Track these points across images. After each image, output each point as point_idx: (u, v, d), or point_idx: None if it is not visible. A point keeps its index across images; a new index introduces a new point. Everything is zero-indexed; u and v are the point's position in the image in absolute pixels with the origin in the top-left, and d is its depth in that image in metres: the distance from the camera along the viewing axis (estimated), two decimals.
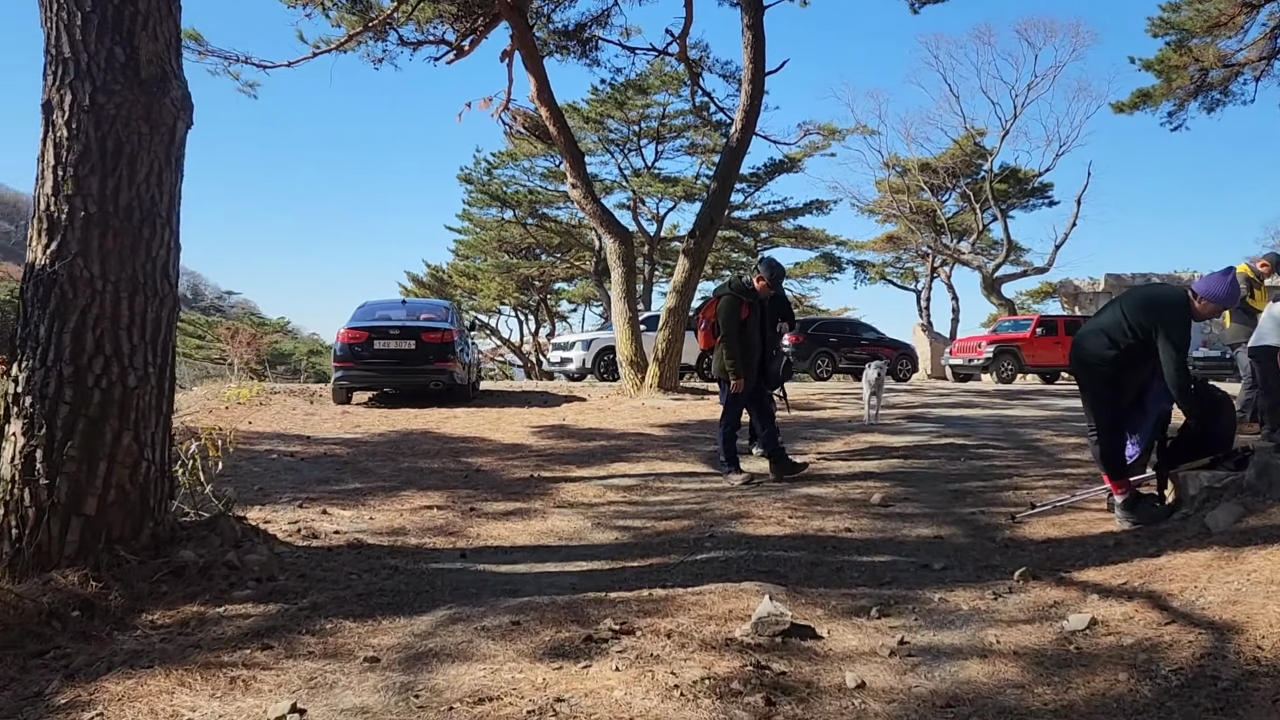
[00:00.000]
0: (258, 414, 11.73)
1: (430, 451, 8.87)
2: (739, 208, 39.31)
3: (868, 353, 26.21)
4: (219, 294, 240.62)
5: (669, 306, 15.68)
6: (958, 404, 13.41)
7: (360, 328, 13.33)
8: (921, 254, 45.02)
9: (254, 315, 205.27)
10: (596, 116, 36.59)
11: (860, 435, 9.93)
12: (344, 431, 10.34)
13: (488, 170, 38.89)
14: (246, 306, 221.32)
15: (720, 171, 16.33)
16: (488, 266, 41.98)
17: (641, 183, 37.44)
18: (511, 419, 11.69)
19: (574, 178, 16.78)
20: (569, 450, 9.04)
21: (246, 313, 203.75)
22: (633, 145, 38.45)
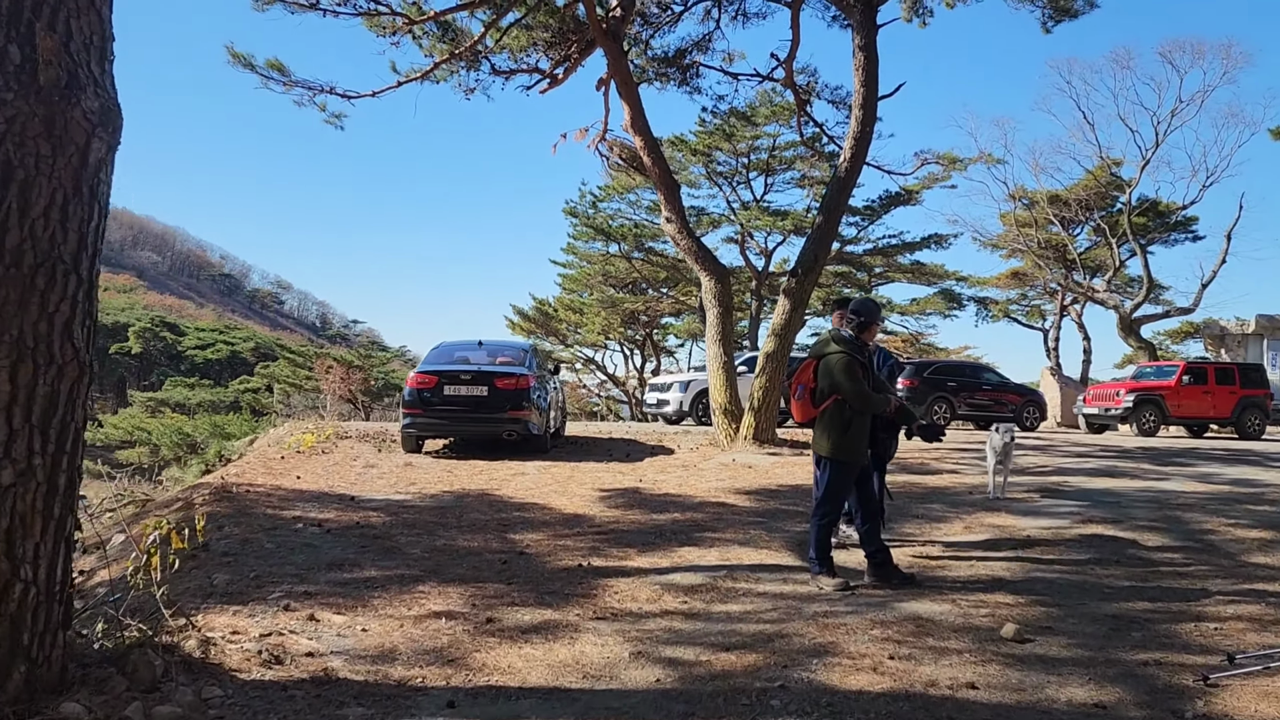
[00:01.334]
0: (314, 465, 10.89)
1: (477, 524, 7.74)
2: (851, 241, 37.59)
3: (990, 399, 24.21)
4: (345, 323, 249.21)
5: (767, 351, 14.33)
6: (1099, 470, 11.60)
7: (430, 372, 12.42)
8: (1050, 291, 42.26)
9: (376, 343, 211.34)
10: (704, 149, 35.55)
11: (984, 515, 8.36)
12: (395, 491, 9.33)
13: (593, 203, 38.30)
14: (371, 335, 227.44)
15: (827, 204, 14.95)
16: (592, 301, 41.24)
17: (750, 216, 36.14)
18: (584, 478, 10.51)
19: (669, 211, 15.65)
20: (635, 525, 7.78)
21: (370, 340, 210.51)
22: (741, 178, 37.25)
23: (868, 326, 6.08)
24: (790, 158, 36.12)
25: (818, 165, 34.28)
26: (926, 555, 6.83)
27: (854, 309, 6.16)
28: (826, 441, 5.91)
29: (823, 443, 5.94)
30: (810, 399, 6.02)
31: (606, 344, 46.25)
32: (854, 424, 5.85)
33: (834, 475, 5.92)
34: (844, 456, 5.87)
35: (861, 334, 6.05)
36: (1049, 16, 17.27)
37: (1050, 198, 36.14)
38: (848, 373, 5.83)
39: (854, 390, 5.80)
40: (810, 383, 6.04)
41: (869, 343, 6.15)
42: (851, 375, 5.82)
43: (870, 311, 6.17)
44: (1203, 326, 35.87)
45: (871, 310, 6.19)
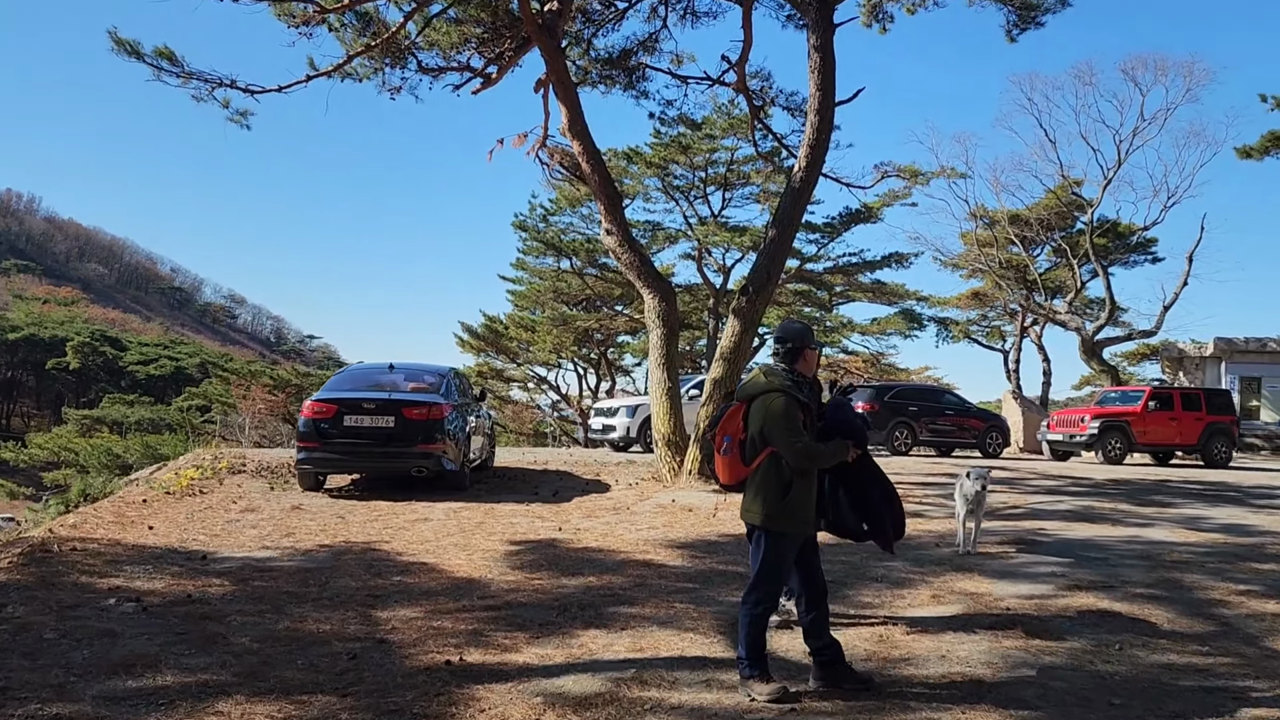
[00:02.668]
0: (178, 510, 9.41)
1: (343, 594, 6.31)
2: (811, 259, 36.55)
3: (953, 424, 23.14)
4: (301, 338, 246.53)
5: (714, 377, 13.05)
6: (1075, 513, 10.42)
7: (328, 400, 10.96)
8: (1010, 312, 41.60)
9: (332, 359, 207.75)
10: (659, 161, 34.37)
11: (954, 577, 7.10)
12: (263, 545, 7.87)
13: (543, 217, 36.97)
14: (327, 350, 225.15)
15: (780, 216, 13.73)
16: (544, 318, 39.78)
17: (707, 231, 34.98)
18: (496, 525, 9.13)
19: (609, 222, 14.35)
20: (536, 595, 6.40)
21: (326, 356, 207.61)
22: (698, 192, 36.11)
23: (799, 354, 4.71)
24: (748, 172, 35.08)
25: (774, 178, 33.24)
26: (887, 638, 5.53)
27: (780, 335, 4.80)
28: (759, 507, 4.58)
29: (754, 509, 4.61)
30: (740, 454, 4.71)
31: (560, 363, 44.77)
32: (795, 484, 4.52)
33: (771, 551, 4.59)
34: (783, 527, 4.54)
35: (794, 365, 4.74)
36: (1013, 24, 16.30)
37: (1011, 217, 35.42)
38: (784, 421, 4.47)
39: (791, 445, 4.45)
40: (739, 433, 4.73)
41: (806, 375, 4.79)
42: (789, 424, 4.47)
43: (799, 336, 4.76)
44: (1161, 349, 35.23)
45: (800, 335, 4.78)
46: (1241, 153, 21.34)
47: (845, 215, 35.34)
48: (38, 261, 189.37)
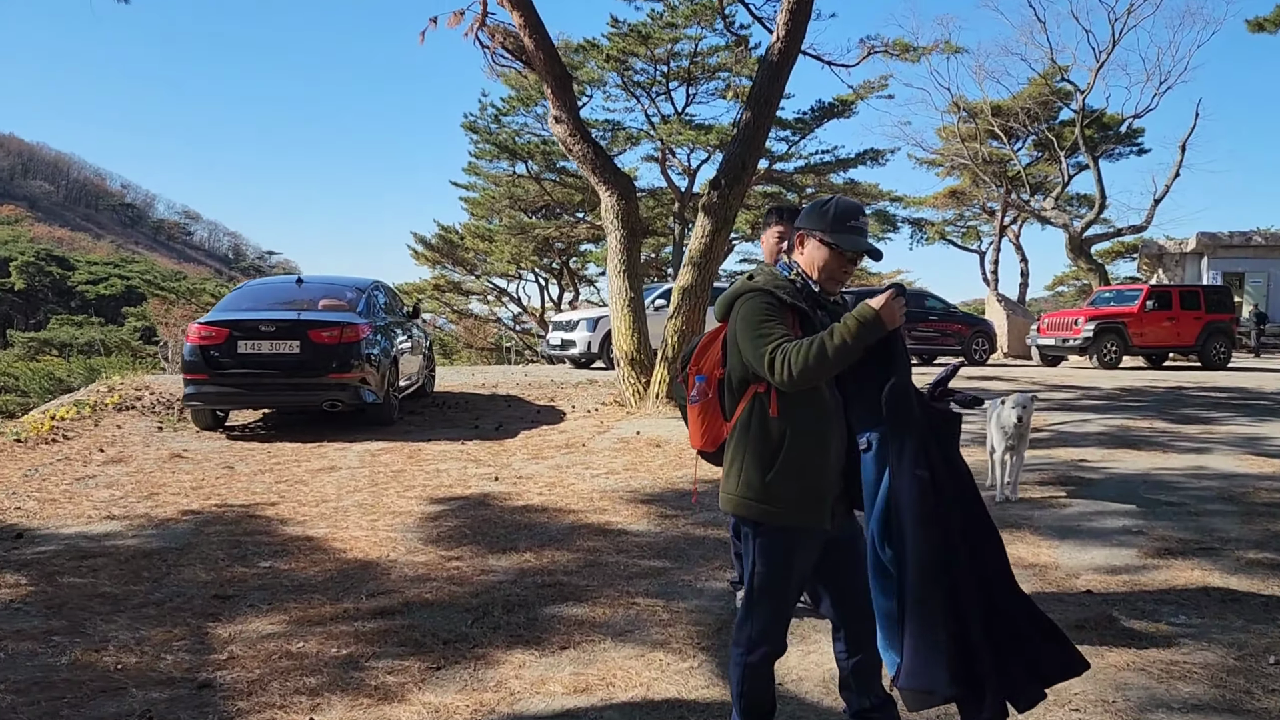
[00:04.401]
0: (21, 463, 7.60)
1: (177, 598, 4.57)
2: (782, 158, 34.51)
3: (936, 330, 21.65)
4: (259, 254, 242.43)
5: (683, 285, 11.25)
6: (1112, 437, 8.88)
7: (218, 322, 9.07)
8: (988, 210, 39.97)
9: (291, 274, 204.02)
10: (618, 54, 31.87)
11: (1010, 545, 5.48)
12: (105, 516, 6.08)
13: (495, 117, 34.40)
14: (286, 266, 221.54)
15: (756, 95, 11.76)
16: (501, 227, 37.49)
17: (671, 130, 32.71)
18: (418, 473, 7.41)
19: (557, 108, 12.33)
20: (451, 587, 4.70)
21: (285, 272, 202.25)
22: (660, 88, 33.67)
23: (799, 242, 2.83)
24: (714, 65, 32.69)
25: (744, 70, 30.94)
26: None
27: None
28: (736, 485, 2.79)
29: (731, 488, 2.80)
30: (721, 403, 2.97)
31: (520, 274, 42.56)
32: (791, 440, 2.71)
33: (763, 558, 2.78)
34: (777, 516, 2.72)
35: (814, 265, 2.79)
36: None
37: (994, 108, 33.44)
38: (749, 326, 2.69)
39: (759, 353, 2.64)
40: (717, 368, 2.97)
41: (815, 276, 2.81)
42: (757, 327, 2.68)
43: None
44: (1140, 246, 33.86)
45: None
46: (1253, 25, 19.52)
47: (818, 109, 33.24)
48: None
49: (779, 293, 2.72)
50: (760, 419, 2.73)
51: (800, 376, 2.57)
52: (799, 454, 2.69)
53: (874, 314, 2.53)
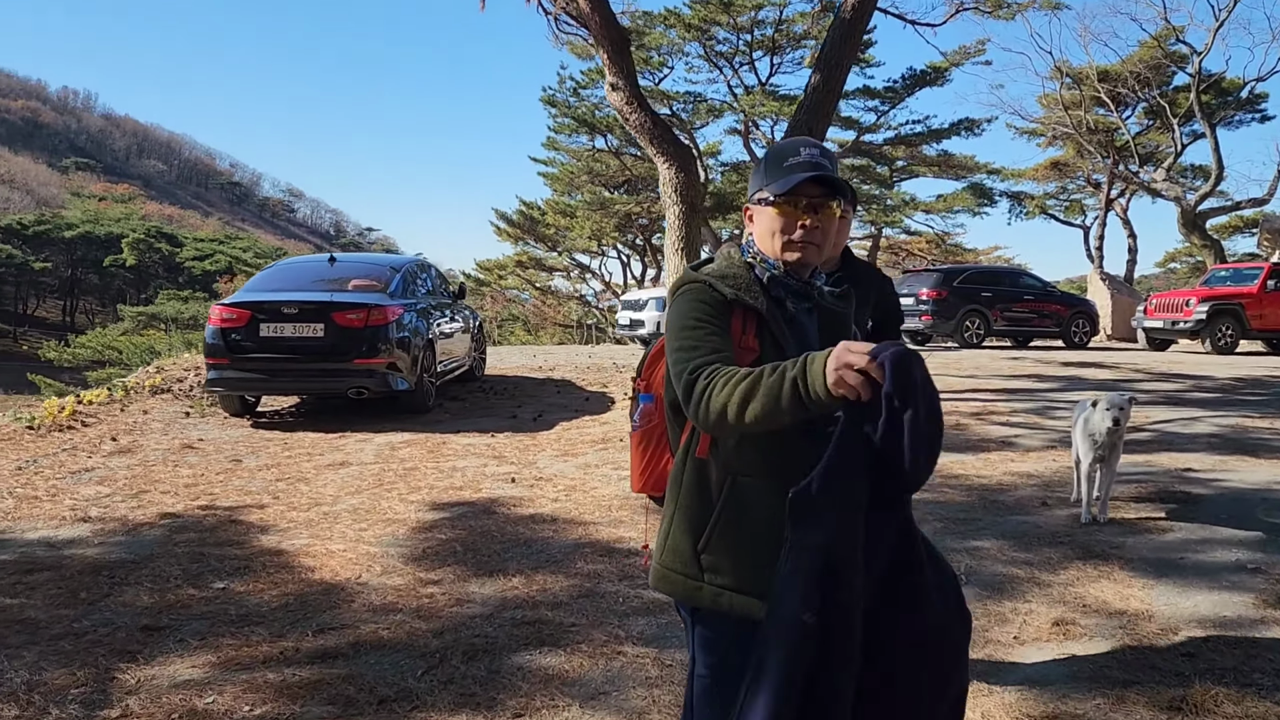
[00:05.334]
0: (20, 453, 7.24)
1: (100, 628, 4.00)
2: (870, 129, 33.08)
3: (1032, 310, 20.20)
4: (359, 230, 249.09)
5: None
6: (1226, 440, 7.74)
7: (240, 304, 8.61)
8: (1093, 183, 37.63)
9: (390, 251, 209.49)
10: (699, 22, 30.83)
11: (1081, 572, 4.55)
12: (78, 518, 5.59)
13: (574, 90, 33.72)
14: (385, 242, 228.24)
15: (825, 57, 10.80)
16: (581, 203, 36.91)
17: (754, 101, 31.57)
18: (432, 471, 6.79)
19: (613, 75, 11.60)
20: (414, 622, 4.03)
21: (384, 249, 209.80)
22: (744, 58, 32.52)
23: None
24: (799, 33, 31.38)
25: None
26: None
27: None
28: (663, 549, 2.01)
29: (656, 554, 2.04)
30: (670, 430, 2.15)
31: (602, 250, 41.98)
32: (731, 490, 1.92)
33: (706, 650, 1.99)
34: (714, 597, 1.92)
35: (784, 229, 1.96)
36: None
37: (1100, 74, 31.28)
38: (676, 331, 1.91)
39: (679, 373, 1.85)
40: (659, 390, 2.17)
41: (782, 254, 1.98)
42: (683, 335, 1.89)
43: (755, 176, 2.07)
44: (1262, 220, 31.35)
45: (756, 172, 2.07)
46: None
47: (909, 78, 31.70)
48: (96, 159, 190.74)
49: (722, 285, 1.92)
50: (694, 461, 1.96)
51: (716, 421, 1.76)
52: (742, 512, 1.90)
53: (821, 382, 1.62)
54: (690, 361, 1.82)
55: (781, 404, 1.66)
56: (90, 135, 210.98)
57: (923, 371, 1.67)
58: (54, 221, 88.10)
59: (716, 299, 1.90)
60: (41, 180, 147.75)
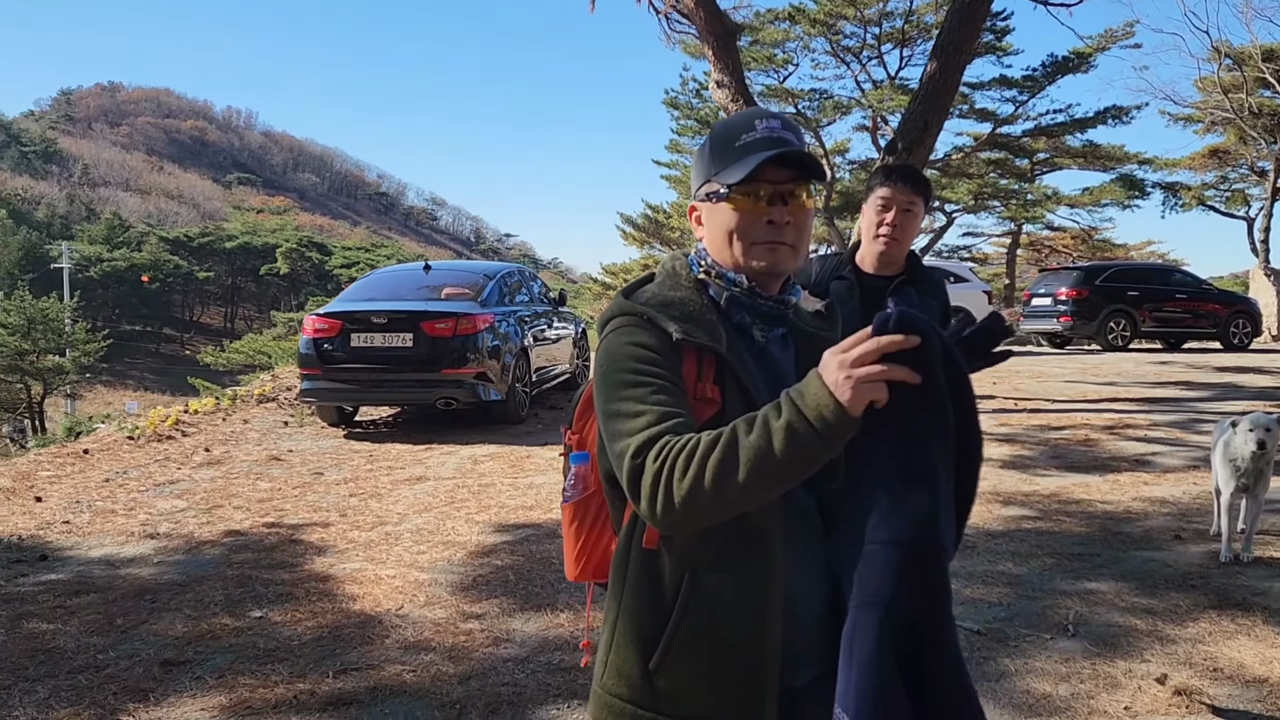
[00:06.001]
0: (110, 465, 7.34)
1: (119, 661, 3.85)
2: (1007, 121, 31.42)
3: (1185, 310, 18.64)
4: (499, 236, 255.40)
5: None
6: None
7: (332, 314, 8.60)
8: (1258, 171, 34.76)
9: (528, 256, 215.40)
10: (826, 17, 29.95)
11: (1214, 626, 3.88)
12: (145, 535, 5.55)
13: (697, 92, 33.33)
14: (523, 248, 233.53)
15: (943, 43, 10.07)
16: None
17: (882, 96, 30.45)
18: (507, 488, 6.53)
19: (719, 71, 11.18)
20: (440, 664, 3.72)
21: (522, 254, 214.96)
22: (872, 52, 31.42)
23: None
24: (930, 24, 30.09)
25: None
26: None
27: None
28: (604, 666, 1.52)
29: (597, 672, 1.54)
30: (609, 505, 1.65)
31: None
32: (692, 592, 1.43)
33: None
34: None
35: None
36: None
37: (1265, 52, 28.83)
38: (608, 388, 1.41)
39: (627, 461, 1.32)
40: (591, 447, 1.65)
41: (744, 263, 1.50)
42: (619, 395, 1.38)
43: (699, 164, 1.56)
44: None
45: (701, 159, 1.56)
46: None
47: (1049, 65, 29.91)
48: (256, 173, 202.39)
49: (666, 317, 1.46)
50: (640, 552, 1.52)
51: (684, 516, 1.29)
52: (706, 618, 1.45)
53: (833, 405, 1.20)
54: (632, 437, 1.34)
55: (780, 460, 1.22)
56: (251, 151, 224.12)
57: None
58: (216, 233, 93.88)
59: (660, 337, 1.44)
60: (206, 194, 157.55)
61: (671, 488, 1.27)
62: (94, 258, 73.27)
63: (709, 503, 1.26)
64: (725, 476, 1.24)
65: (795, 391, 1.25)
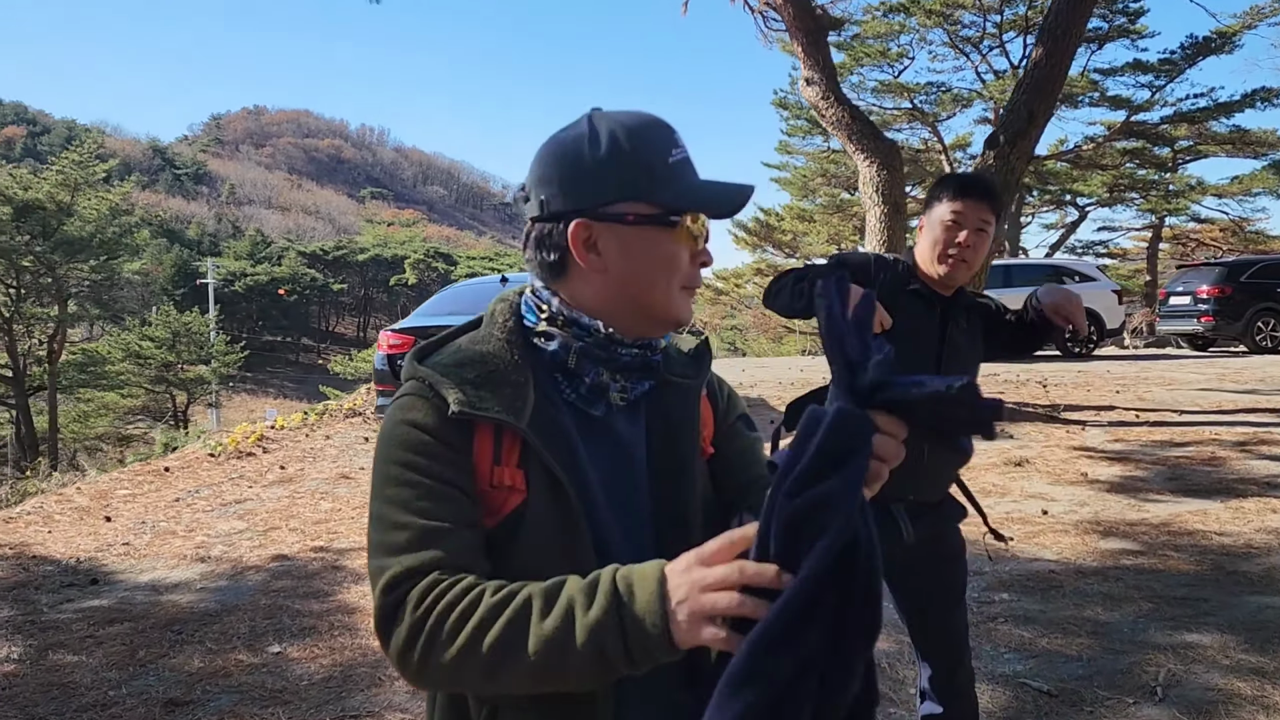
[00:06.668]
0: (184, 484, 7.44)
1: (135, 696, 3.75)
2: (1142, 107, 29.54)
3: None
4: None
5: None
6: None
7: (408, 330, 8.54)
8: None
9: None
10: (942, 8, 28.83)
11: None
12: (198, 558, 5.53)
13: None
14: None
15: (1050, 26, 9.38)
16: (818, 207, 35.77)
17: (1004, 87, 29.08)
18: None
19: (808, 68, 10.73)
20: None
21: None
22: (993, 41, 30.09)
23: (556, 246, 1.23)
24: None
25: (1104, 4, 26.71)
26: None
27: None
28: None
29: None
30: None
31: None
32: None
33: None
34: None
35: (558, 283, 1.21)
36: None
37: None
38: (379, 502, 1.10)
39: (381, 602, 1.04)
40: None
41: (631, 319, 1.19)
42: (388, 514, 1.09)
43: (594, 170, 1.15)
44: None
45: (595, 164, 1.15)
46: None
47: (1188, 46, 27.94)
48: (388, 188, 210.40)
49: (449, 383, 1.12)
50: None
51: (443, 683, 1.07)
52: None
53: (660, 629, 0.92)
54: (390, 559, 1.05)
55: (576, 664, 0.96)
56: (383, 167, 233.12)
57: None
58: (349, 246, 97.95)
59: (440, 413, 1.10)
60: (340, 209, 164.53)
61: (432, 652, 1.00)
62: (238, 273, 77.24)
63: (477, 683, 1.01)
64: (502, 663, 0.97)
65: (624, 583, 0.96)
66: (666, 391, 1.23)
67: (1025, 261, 20.54)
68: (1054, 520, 5.67)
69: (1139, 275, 36.80)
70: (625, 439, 1.19)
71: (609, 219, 1.14)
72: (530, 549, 1.09)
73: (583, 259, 1.15)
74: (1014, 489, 6.49)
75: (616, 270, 1.15)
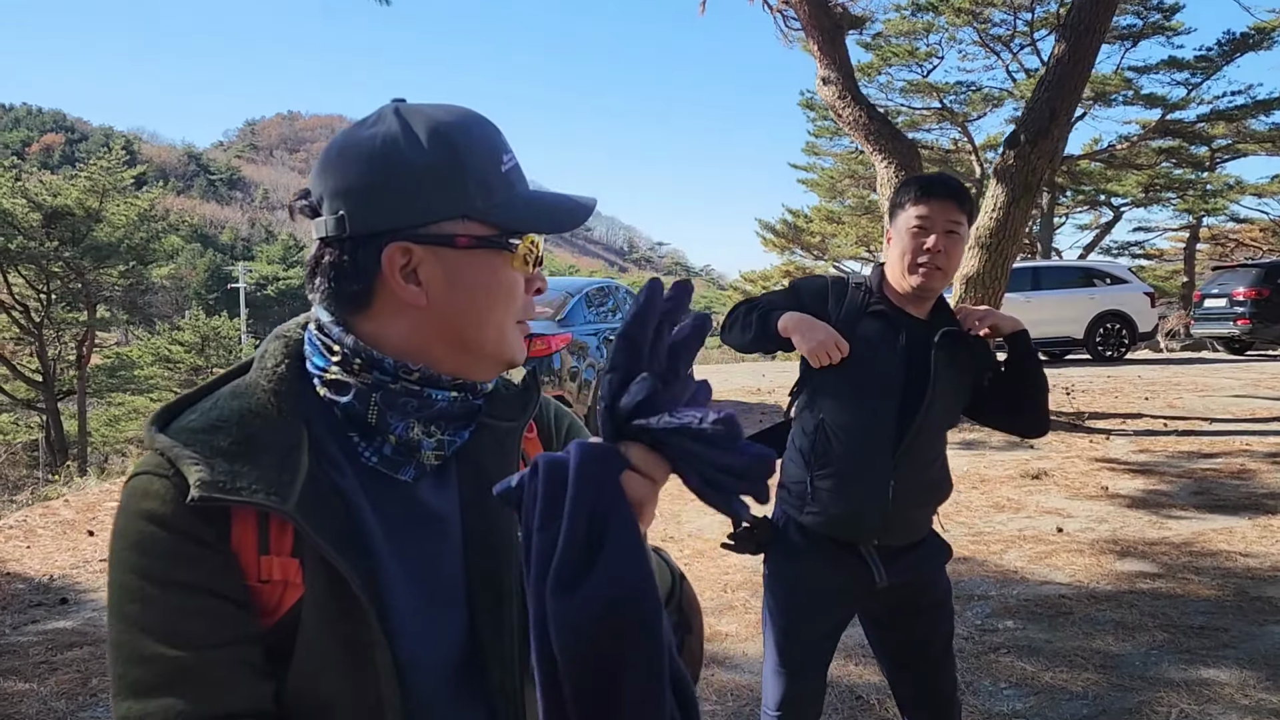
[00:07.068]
0: None
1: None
2: (1178, 105, 28.86)
3: None
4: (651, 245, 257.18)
5: (966, 274, 8.86)
6: None
7: None
8: None
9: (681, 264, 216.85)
10: (971, 6, 28.34)
11: None
12: None
13: None
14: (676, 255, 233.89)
15: (1073, 22, 9.05)
16: (846, 209, 35.36)
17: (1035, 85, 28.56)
18: None
19: (825, 67, 10.47)
20: None
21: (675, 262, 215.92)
22: (1024, 39, 29.53)
23: None
24: None
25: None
26: None
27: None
28: None
29: None
30: None
31: (873, 256, 40.01)
32: None
33: None
34: None
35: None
36: None
37: None
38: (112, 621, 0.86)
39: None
40: None
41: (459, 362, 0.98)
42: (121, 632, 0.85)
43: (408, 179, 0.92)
44: None
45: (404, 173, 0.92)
46: None
47: (1226, 43, 27.28)
48: None
49: (193, 457, 0.86)
50: None
51: None
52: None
53: None
54: (131, 710, 0.83)
55: None
56: None
57: None
58: None
59: (182, 504, 0.85)
60: None
61: None
62: (270, 277, 77.81)
63: None
64: None
65: None
66: (480, 438, 1.00)
67: (1053, 264, 20.04)
68: (1069, 539, 5.36)
69: (1176, 276, 36.00)
70: (435, 507, 0.97)
71: (434, 241, 0.91)
72: (312, 654, 0.87)
73: (400, 290, 0.91)
74: (1029, 504, 6.18)
75: (440, 303, 0.93)
